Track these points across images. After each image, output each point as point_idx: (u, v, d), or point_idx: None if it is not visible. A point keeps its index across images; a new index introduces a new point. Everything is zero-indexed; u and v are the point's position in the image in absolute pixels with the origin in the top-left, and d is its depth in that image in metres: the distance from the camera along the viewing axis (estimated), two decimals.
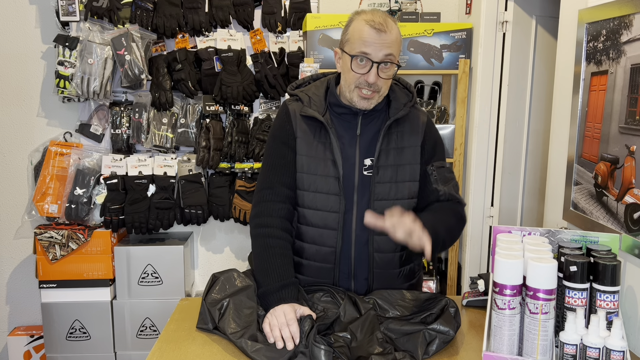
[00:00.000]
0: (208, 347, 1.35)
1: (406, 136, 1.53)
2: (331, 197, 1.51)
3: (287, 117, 1.55)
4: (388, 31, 1.40)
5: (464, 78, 2.71)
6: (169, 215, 2.78)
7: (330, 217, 1.51)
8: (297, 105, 1.55)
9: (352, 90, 1.46)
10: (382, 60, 1.41)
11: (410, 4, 2.87)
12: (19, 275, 3.07)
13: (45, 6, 2.86)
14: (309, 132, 1.52)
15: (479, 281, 1.62)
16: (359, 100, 1.47)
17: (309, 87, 1.60)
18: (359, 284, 1.55)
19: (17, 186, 3.01)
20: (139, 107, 2.80)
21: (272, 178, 1.54)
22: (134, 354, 2.81)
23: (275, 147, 1.56)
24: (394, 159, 1.51)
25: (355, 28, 1.43)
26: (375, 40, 1.40)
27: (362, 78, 1.43)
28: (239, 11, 2.77)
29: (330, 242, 1.53)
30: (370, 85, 1.43)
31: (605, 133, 1.55)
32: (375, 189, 1.50)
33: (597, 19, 1.60)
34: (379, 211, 1.46)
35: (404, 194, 1.52)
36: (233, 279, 1.50)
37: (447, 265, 2.93)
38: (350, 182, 1.51)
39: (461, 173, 2.78)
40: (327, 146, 1.51)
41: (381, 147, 1.50)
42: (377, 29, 1.40)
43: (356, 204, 1.51)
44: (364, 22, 1.41)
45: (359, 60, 1.42)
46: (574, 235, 1.40)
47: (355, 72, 1.43)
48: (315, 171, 1.51)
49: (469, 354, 1.33)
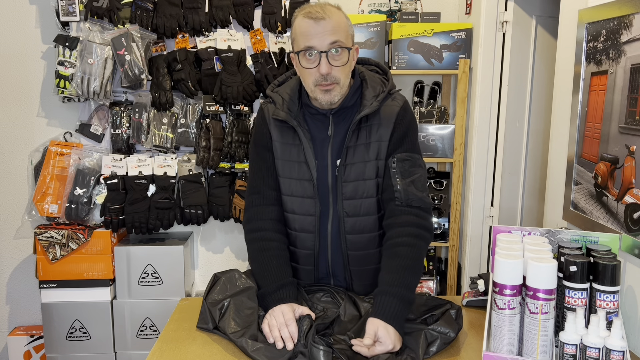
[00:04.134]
0: (208, 347, 1.35)
1: (374, 130, 1.47)
2: (306, 200, 1.50)
3: (263, 120, 1.54)
4: (327, 17, 1.36)
5: (464, 78, 2.71)
6: (169, 215, 2.78)
7: (306, 220, 1.51)
8: (271, 107, 1.53)
9: (313, 90, 1.42)
10: (328, 49, 1.37)
11: (410, 4, 2.88)
12: (19, 275, 3.07)
13: (45, 6, 2.85)
14: (283, 135, 1.50)
15: (479, 281, 1.62)
16: (322, 96, 1.41)
17: (285, 86, 1.56)
18: (339, 283, 1.57)
19: (17, 186, 3.01)
20: (139, 107, 2.80)
21: (258, 182, 1.54)
22: (134, 354, 2.81)
23: (257, 152, 1.56)
24: (361, 156, 1.47)
25: (297, 25, 1.41)
26: (317, 30, 1.36)
27: (316, 73, 1.39)
28: (239, 11, 2.77)
29: (308, 244, 1.53)
30: (326, 78, 1.38)
31: (605, 133, 1.55)
32: (343, 188, 1.48)
33: (597, 19, 1.60)
34: (349, 211, 1.47)
35: (371, 192, 1.48)
36: (234, 279, 1.51)
37: (447, 265, 2.93)
38: (324, 184, 1.49)
39: (461, 173, 2.78)
40: (300, 149, 1.48)
41: (348, 145, 1.46)
42: (314, 19, 1.36)
43: (331, 205, 1.50)
44: (302, 17, 1.39)
45: (307, 55, 1.38)
46: (574, 235, 1.40)
47: (306, 68, 1.40)
48: (290, 175, 1.50)
49: (469, 354, 1.33)
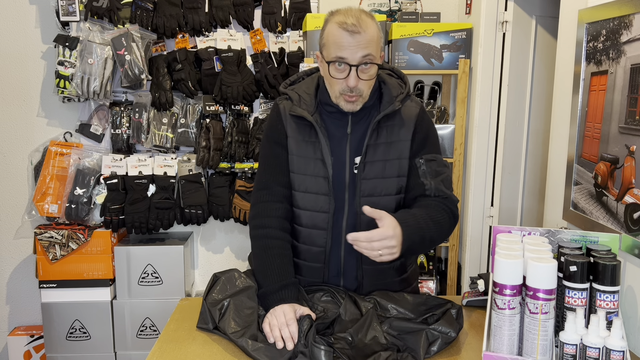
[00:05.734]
0: (208, 347, 1.35)
1: (396, 130, 1.49)
2: (320, 197, 1.49)
3: (278, 116, 1.54)
4: (362, 31, 1.35)
5: (464, 78, 2.71)
6: (169, 215, 2.78)
7: (319, 217, 1.50)
8: (287, 104, 1.53)
9: (337, 97, 1.45)
10: (359, 63, 1.38)
11: (410, 4, 2.87)
12: (19, 275, 3.07)
13: (45, 6, 2.85)
14: (299, 132, 1.51)
15: (479, 281, 1.62)
16: (345, 104, 1.45)
17: (300, 84, 1.57)
18: (348, 282, 1.55)
19: (17, 186, 3.01)
20: (139, 107, 2.80)
21: (268, 178, 1.54)
22: (134, 354, 2.81)
23: (269, 147, 1.55)
24: (382, 154, 1.48)
25: (329, 32, 1.39)
26: (350, 43, 1.35)
27: (343, 84, 1.40)
28: (239, 11, 2.77)
29: (319, 242, 1.52)
30: (352, 90, 1.40)
31: (605, 133, 1.55)
32: (362, 185, 1.48)
33: (597, 19, 1.60)
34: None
35: (391, 190, 1.50)
36: (234, 279, 1.50)
37: (447, 265, 2.93)
38: (340, 181, 1.50)
39: (461, 173, 2.78)
40: (316, 146, 1.49)
41: (369, 143, 1.48)
42: (350, 31, 1.35)
43: (347, 202, 1.50)
44: (336, 26, 1.37)
45: (337, 65, 1.39)
46: (574, 235, 1.40)
47: (334, 78, 1.41)
48: (305, 171, 1.50)
49: (469, 354, 1.33)
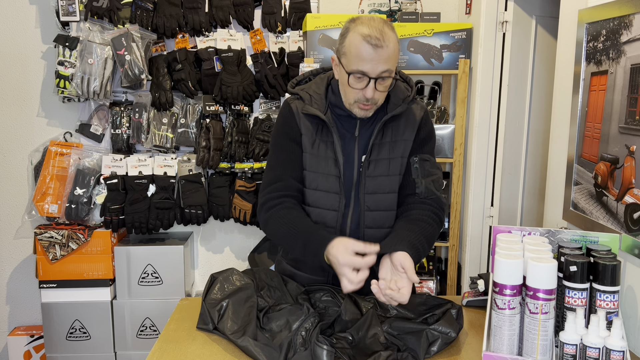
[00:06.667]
0: (208, 347, 1.35)
1: (401, 129, 1.53)
2: (331, 195, 1.51)
3: (291, 114, 1.55)
4: (385, 46, 1.35)
5: (464, 78, 2.71)
6: (169, 215, 2.78)
7: (329, 215, 1.52)
8: (299, 103, 1.55)
9: (351, 104, 1.47)
10: (379, 76, 1.39)
11: (410, 4, 2.87)
12: (19, 275, 3.07)
13: (45, 6, 2.85)
14: (312, 130, 1.53)
15: (479, 281, 1.62)
16: (359, 112, 1.47)
17: (310, 84, 1.59)
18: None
19: (17, 186, 3.01)
20: (139, 107, 2.80)
21: (281, 172, 1.54)
22: (134, 354, 2.81)
23: (282, 144, 1.55)
24: (387, 153, 1.52)
25: (352, 42, 1.39)
26: (373, 57, 1.36)
27: (360, 93, 1.42)
28: (239, 11, 2.77)
29: None
30: (368, 100, 1.42)
31: (605, 133, 1.55)
32: (366, 182, 1.51)
33: (597, 19, 1.60)
34: (370, 205, 1.50)
35: (393, 187, 1.53)
36: (231, 278, 1.51)
37: (447, 265, 2.93)
38: (349, 179, 1.52)
39: (461, 173, 2.78)
40: (328, 145, 1.51)
41: (374, 142, 1.50)
42: (373, 45, 1.35)
43: (353, 199, 1.52)
44: (360, 38, 1.36)
45: (357, 76, 1.40)
46: (574, 235, 1.40)
47: (353, 88, 1.42)
48: (317, 169, 1.52)
49: (469, 354, 1.33)
